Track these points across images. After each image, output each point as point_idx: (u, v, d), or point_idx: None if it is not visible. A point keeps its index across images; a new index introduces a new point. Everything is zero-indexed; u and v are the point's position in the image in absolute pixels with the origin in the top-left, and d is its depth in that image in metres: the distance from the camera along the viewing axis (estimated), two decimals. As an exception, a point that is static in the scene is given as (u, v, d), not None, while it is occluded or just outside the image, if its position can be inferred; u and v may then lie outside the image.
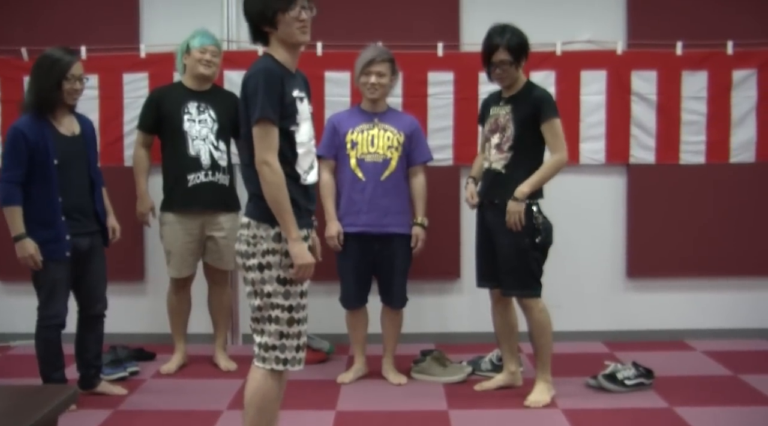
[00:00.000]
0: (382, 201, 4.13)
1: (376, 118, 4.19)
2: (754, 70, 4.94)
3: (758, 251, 5.03)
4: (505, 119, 3.87)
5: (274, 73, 2.72)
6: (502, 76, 3.84)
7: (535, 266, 3.86)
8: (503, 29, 3.82)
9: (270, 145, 2.70)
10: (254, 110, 2.69)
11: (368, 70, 4.09)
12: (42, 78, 3.68)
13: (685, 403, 3.79)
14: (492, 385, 4.08)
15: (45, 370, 3.77)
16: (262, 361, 2.82)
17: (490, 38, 3.83)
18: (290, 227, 2.71)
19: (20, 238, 3.64)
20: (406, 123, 4.25)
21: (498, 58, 3.79)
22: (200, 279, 4.56)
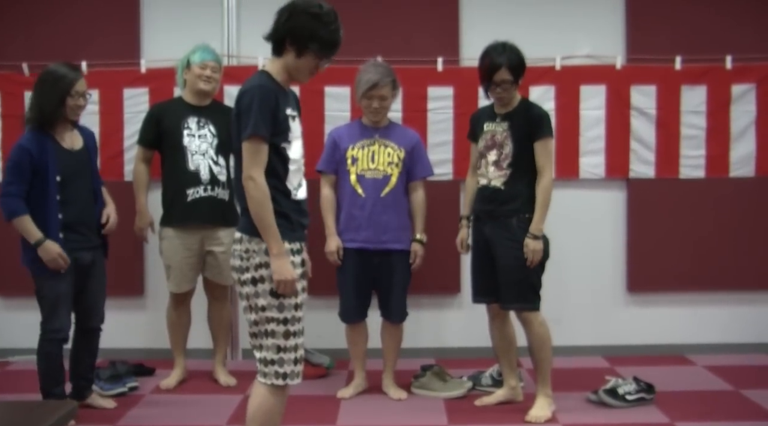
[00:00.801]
0: (382, 217, 4.13)
1: (377, 134, 4.19)
2: (753, 84, 4.95)
3: (758, 265, 5.03)
4: (503, 136, 3.88)
5: (269, 90, 2.75)
6: (502, 95, 3.85)
7: (535, 279, 3.86)
8: (503, 48, 3.82)
9: (258, 161, 2.72)
10: (246, 126, 2.71)
11: (371, 94, 4.08)
12: (46, 93, 3.70)
13: (687, 418, 3.77)
14: (492, 401, 4.07)
15: (45, 385, 3.76)
16: (263, 376, 2.82)
17: (491, 57, 3.81)
18: (272, 242, 2.72)
19: (41, 243, 3.65)
20: (407, 138, 4.25)
21: (500, 77, 3.79)
22: (200, 294, 4.55)
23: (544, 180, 3.83)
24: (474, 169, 4.10)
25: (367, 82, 4.06)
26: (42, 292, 3.74)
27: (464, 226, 4.14)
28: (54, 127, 3.75)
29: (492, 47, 3.85)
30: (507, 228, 3.85)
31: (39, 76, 3.77)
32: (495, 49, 3.83)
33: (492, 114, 3.98)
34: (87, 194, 3.86)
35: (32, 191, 3.68)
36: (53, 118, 3.72)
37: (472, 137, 4.11)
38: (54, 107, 3.69)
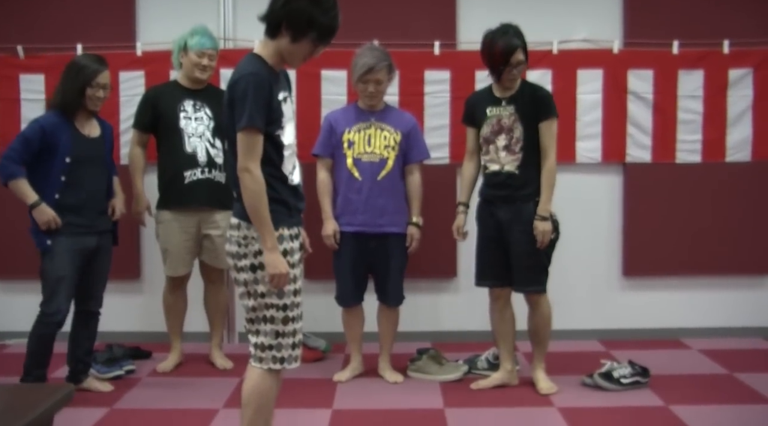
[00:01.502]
0: (379, 201, 4.13)
1: (373, 118, 4.18)
2: (750, 69, 4.94)
3: (754, 250, 5.05)
4: (511, 120, 3.89)
5: (263, 79, 2.70)
6: (516, 77, 3.87)
7: (547, 261, 3.93)
8: (512, 30, 3.82)
9: (254, 153, 2.69)
10: (241, 117, 2.67)
11: (366, 78, 4.07)
12: (68, 82, 3.83)
13: (681, 401, 3.79)
14: (488, 384, 4.08)
15: (29, 364, 3.81)
16: (258, 361, 2.82)
17: (505, 40, 3.78)
18: (266, 236, 2.70)
19: (36, 205, 3.74)
20: (403, 122, 4.24)
21: (516, 58, 3.79)
22: (196, 277, 4.55)
23: (549, 161, 3.86)
24: (472, 154, 4.09)
25: (363, 65, 4.05)
26: (45, 273, 3.80)
27: (461, 212, 4.13)
28: (74, 115, 3.86)
29: (500, 31, 3.83)
30: (525, 212, 3.86)
31: (67, 65, 3.88)
32: (504, 31, 3.82)
33: (493, 98, 3.96)
34: (97, 181, 3.94)
35: (38, 166, 3.78)
36: (73, 106, 3.84)
37: (469, 121, 4.09)
38: (74, 96, 3.81)
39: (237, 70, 2.76)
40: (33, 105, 4.85)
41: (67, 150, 3.79)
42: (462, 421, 3.63)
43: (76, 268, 3.83)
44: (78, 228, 3.82)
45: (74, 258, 3.81)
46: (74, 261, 3.82)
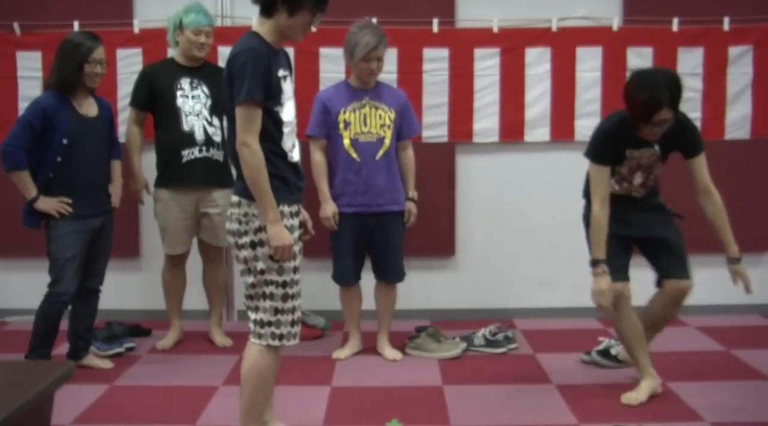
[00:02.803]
0: (378, 180, 4.12)
1: (366, 97, 4.15)
2: (750, 46, 4.92)
3: (753, 227, 5.04)
4: (651, 160, 3.55)
5: (262, 54, 2.70)
6: (659, 134, 3.37)
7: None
8: (668, 79, 3.28)
9: (252, 127, 2.70)
10: (240, 91, 2.67)
11: (370, 56, 4.02)
12: (65, 60, 3.82)
13: (678, 378, 3.81)
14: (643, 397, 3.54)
15: (34, 343, 3.84)
16: (258, 337, 2.84)
17: (654, 91, 3.22)
18: (268, 209, 2.71)
19: (36, 199, 3.78)
20: (396, 98, 4.22)
21: (661, 117, 3.27)
22: (195, 255, 4.56)
23: (716, 198, 3.57)
24: (605, 200, 3.49)
25: (367, 44, 3.99)
26: (52, 254, 3.83)
27: (604, 273, 3.49)
28: (72, 93, 3.86)
29: (648, 77, 3.31)
30: (660, 207, 3.75)
31: (59, 44, 3.86)
32: (653, 80, 3.26)
33: (635, 140, 3.45)
34: (97, 161, 3.95)
35: (35, 146, 3.77)
36: (72, 84, 3.83)
37: (605, 161, 3.48)
38: (72, 74, 3.81)
39: (236, 46, 2.76)
40: (30, 82, 4.83)
41: (65, 131, 3.78)
42: (460, 397, 3.65)
43: (82, 249, 3.86)
44: (83, 210, 3.85)
45: (80, 239, 3.84)
46: (80, 242, 3.85)
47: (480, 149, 4.99)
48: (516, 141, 4.98)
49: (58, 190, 3.81)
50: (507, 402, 3.60)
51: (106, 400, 3.65)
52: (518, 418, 3.38)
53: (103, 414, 3.48)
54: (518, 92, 4.91)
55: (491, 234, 5.05)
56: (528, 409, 3.51)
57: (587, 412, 3.44)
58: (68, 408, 3.44)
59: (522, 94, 4.93)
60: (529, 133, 4.96)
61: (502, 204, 5.04)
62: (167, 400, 3.65)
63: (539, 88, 4.93)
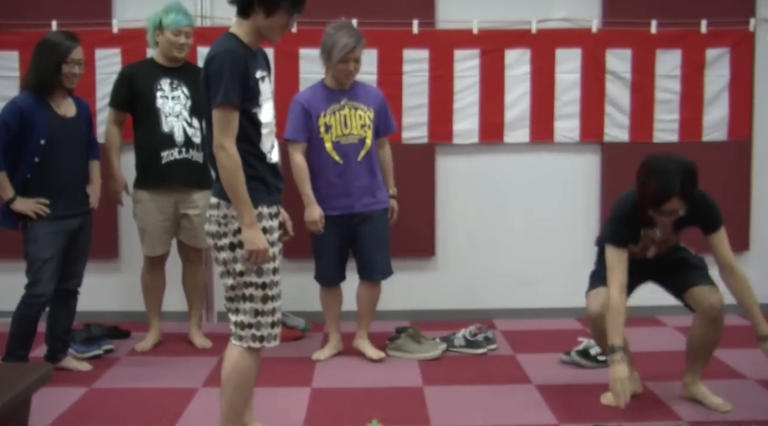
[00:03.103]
0: (361, 181, 4.12)
1: (344, 98, 4.12)
2: (727, 49, 4.97)
3: (730, 228, 5.01)
4: (666, 236, 3.45)
5: (238, 56, 2.70)
6: (668, 222, 3.28)
7: None
8: (681, 167, 3.14)
9: (229, 130, 2.69)
10: (217, 93, 2.67)
11: (348, 57, 4.00)
12: (42, 60, 3.78)
13: (656, 377, 3.84)
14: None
15: (11, 345, 3.81)
16: (238, 339, 2.83)
17: (665, 180, 3.10)
18: (244, 212, 2.71)
19: (13, 200, 3.75)
20: (373, 97, 4.22)
21: (669, 207, 3.16)
22: (175, 256, 4.54)
23: (739, 272, 3.34)
24: (623, 286, 3.30)
25: (345, 46, 3.97)
26: (29, 256, 3.79)
27: (621, 361, 3.19)
28: (50, 94, 3.82)
29: (660, 163, 3.17)
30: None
31: (37, 43, 3.82)
32: (664, 167, 3.14)
33: (648, 219, 3.32)
34: (75, 162, 3.92)
35: (12, 146, 3.73)
36: (49, 84, 3.80)
37: (622, 242, 3.34)
38: (50, 74, 3.77)
39: (212, 48, 2.75)
40: (7, 82, 4.79)
41: (43, 132, 3.75)
42: (441, 398, 3.66)
43: (60, 250, 3.83)
44: (61, 210, 3.81)
45: (57, 240, 3.81)
46: (58, 243, 3.81)
47: (460, 150, 5.00)
48: (496, 142, 5.00)
49: (36, 191, 3.77)
50: (487, 402, 3.61)
51: (84, 403, 3.62)
52: (498, 419, 3.39)
53: (82, 417, 3.45)
54: (498, 93, 4.93)
55: (471, 235, 5.06)
56: (508, 409, 3.52)
57: (567, 412, 3.45)
58: (46, 411, 3.41)
59: (502, 95, 4.95)
60: (509, 135, 4.98)
61: (482, 205, 5.06)
62: (146, 402, 3.63)
63: (519, 90, 4.95)
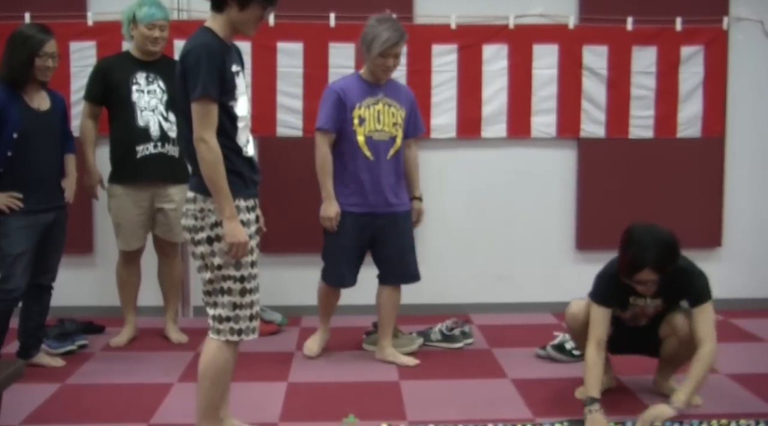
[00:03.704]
0: (389, 180, 3.99)
1: (381, 93, 3.99)
2: (701, 46, 5.01)
3: (702, 224, 5.15)
4: (655, 309, 3.43)
5: (215, 49, 2.70)
6: (645, 293, 3.28)
7: None
8: (659, 240, 3.15)
9: (209, 122, 2.69)
10: (195, 87, 2.67)
11: (388, 52, 3.85)
12: (15, 54, 3.73)
13: (630, 371, 3.87)
14: None
15: None
16: (216, 333, 2.83)
17: (639, 250, 3.12)
18: (225, 205, 2.71)
19: None
20: (405, 96, 4.11)
21: (642, 277, 3.17)
22: (150, 251, 4.51)
23: (707, 347, 3.18)
24: (601, 342, 3.31)
25: (388, 40, 3.81)
26: (2, 250, 3.75)
27: (597, 411, 3.14)
28: (23, 87, 3.78)
29: (639, 232, 3.19)
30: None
31: (9, 37, 3.77)
32: (640, 238, 3.16)
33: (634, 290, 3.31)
34: (49, 155, 3.88)
35: None
36: (22, 78, 3.75)
37: (607, 302, 3.35)
38: (22, 67, 3.72)
39: (188, 42, 2.76)
40: (-20, 75, 4.72)
41: (16, 125, 3.71)
42: (417, 392, 3.67)
43: (33, 244, 3.79)
44: (34, 205, 3.78)
45: (31, 235, 3.77)
46: (31, 237, 3.77)
47: (437, 145, 5.01)
48: (473, 137, 5.01)
49: (9, 185, 3.73)
50: (463, 397, 3.62)
51: (57, 400, 3.59)
52: (474, 413, 3.41)
53: (55, 414, 3.42)
54: (475, 88, 4.94)
55: (448, 229, 5.07)
56: (484, 403, 3.54)
57: (542, 407, 3.48)
58: (18, 408, 3.37)
59: (479, 90, 4.96)
60: (486, 130, 5.00)
61: (459, 199, 5.07)
62: (121, 398, 3.61)
63: (496, 85, 4.97)
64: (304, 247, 4.82)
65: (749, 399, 3.57)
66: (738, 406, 3.46)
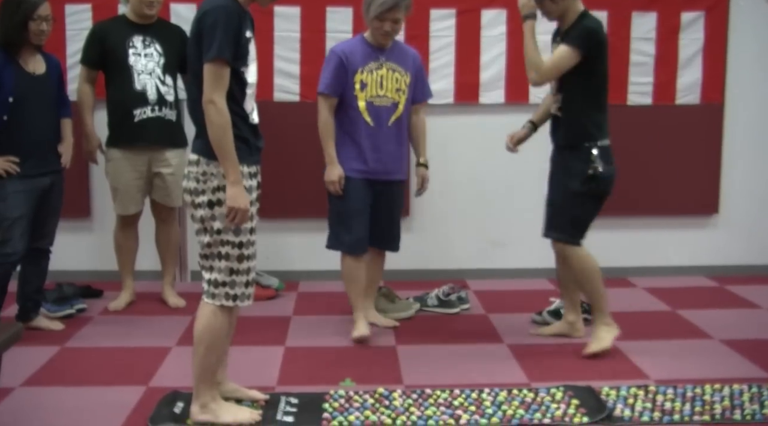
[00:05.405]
0: (388, 147, 3.94)
1: (383, 57, 3.91)
2: (702, 12, 4.98)
3: (699, 191, 5.16)
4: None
5: (233, 12, 2.68)
6: (544, 11, 3.60)
7: (579, 212, 3.67)
8: None
9: (220, 85, 2.67)
10: (210, 47, 2.64)
11: (385, 16, 3.75)
12: (8, 18, 3.70)
13: (626, 337, 3.89)
14: (547, 332, 3.98)
15: None
16: (211, 297, 2.83)
17: None
18: (230, 169, 2.69)
19: None
20: (411, 60, 4.02)
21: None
22: (148, 215, 4.51)
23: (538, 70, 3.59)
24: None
25: (383, 4, 3.72)
26: None
27: (524, 127, 3.96)
28: (18, 51, 3.75)
29: None
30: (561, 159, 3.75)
31: (2, 1, 3.72)
32: None
33: (557, 33, 3.69)
34: (45, 119, 3.86)
35: None
36: (16, 42, 3.73)
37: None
38: (16, 31, 3.69)
39: (206, 2, 2.72)
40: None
41: (11, 89, 3.69)
42: (413, 357, 3.69)
43: (30, 208, 3.79)
44: (31, 169, 3.76)
45: (28, 198, 3.77)
46: (28, 201, 3.77)
47: (435, 111, 4.98)
48: (471, 103, 5.00)
49: (5, 150, 3.72)
50: (459, 361, 3.65)
51: (56, 362, 3.61)
52: (470, 378, 3.43)
53: (54, 376, 3.45)
54: (473, 54, 4.91)
55: (445, 195, 5.07)
56: (480, 368, 3.56)
57: (538, 371, 3.50)
58: (17, 370, 3.39)
59: (477, 55, 4.94)
60: (484, 95, 4.98)
61: (456, 165, 5.07)
62: (119, 361, 3.63)
63: (494, 50, 4.94)
64: (302, 212, 4.82)
65: (743, 364, 3.59)
66: (732, 371, 3.48)
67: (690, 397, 3.15)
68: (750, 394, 3.16)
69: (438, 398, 3.15)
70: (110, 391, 3.28)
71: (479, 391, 3.22)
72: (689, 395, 3.17)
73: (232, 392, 3.09)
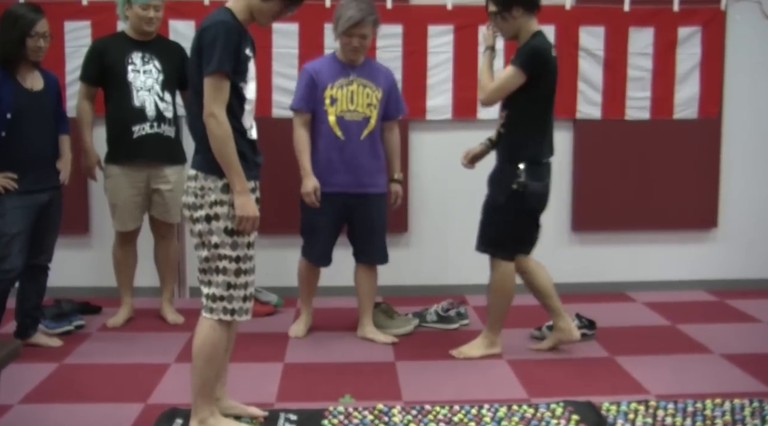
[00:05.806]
0: (361, 160, 4.01)
1: (353, 73, 4.00)
2: (699, 27, 5.00)
3: (698, 205, 5.16)
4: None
5: (233, 27, 2.73)
6: (497, 30, 3.72)
7: (502, 228, 3.75)
8: None
9: (221, 98, 2.71)
10: (210, 61, 2.68)
11: (352, 32, 3.87)
12: (6, 34, 3.70)
13: (626, 352, 3.90)
14: (545, 346, 3.97)
15: None
16: (209, 311, 2.83)
17: None
18: (236, 179, 2.73)
19: None
20: (383, 77, 4.10)
21: (488, 10, 3.66)
22: (146, 231, 4.51)
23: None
24: None
25: (349, 19, 3.83)
26: None
27: (482, 144, 4.00)
28: (16, 68, 3.76)
29: None
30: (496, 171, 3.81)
31: (0, 17, 3.73)
32: None
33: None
34: (43, 136, 3.87)
35: None
36: (14, 58, 3.73)
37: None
38: (14, 48, 3.70)
39: (208, 18, 2.77)
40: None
41: (9, 105, 3.70)
42: (413, 373, 3.68)
43: (28, 225, 3.78)
44: (29, 185, 3.77)
45: (26, 214, 3.77)
46: (26, 217, 3.77)
47: (433, 126, 5.01)
48: (469, 118, 5.01)
49: (3, 165, 3.72)
50: (459, 377, 3.64)
51: (55, 379, 3.60)
52: (470, 394, 3.42)
53: (52, 393, 3.43)
54: (471, 70, 4.92)
55: (444, 211, 5.08)
56: (479, 384, 3.55)
57: (537, 387, 3.50)
58: (16, 387, 3.39)
59: (475, 71, 4.91)
60: (482, 111, 4.99)
61: (455, 181, 5.06)
62: (118, 378, 3.62)
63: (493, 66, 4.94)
64: (300, 228, 4.82)
65: (744, 378, 3.59)
66: (733, 386, 3.47)
67: (691, 412, 3.14)
68: (751, 409, 3.16)
69: (437, 414, 3.14)
70: (109, 407, 3.26)
71: (479, 407, 3.21)
72: (690, 410, 3.16)
73: (230, 409, 3.08)
